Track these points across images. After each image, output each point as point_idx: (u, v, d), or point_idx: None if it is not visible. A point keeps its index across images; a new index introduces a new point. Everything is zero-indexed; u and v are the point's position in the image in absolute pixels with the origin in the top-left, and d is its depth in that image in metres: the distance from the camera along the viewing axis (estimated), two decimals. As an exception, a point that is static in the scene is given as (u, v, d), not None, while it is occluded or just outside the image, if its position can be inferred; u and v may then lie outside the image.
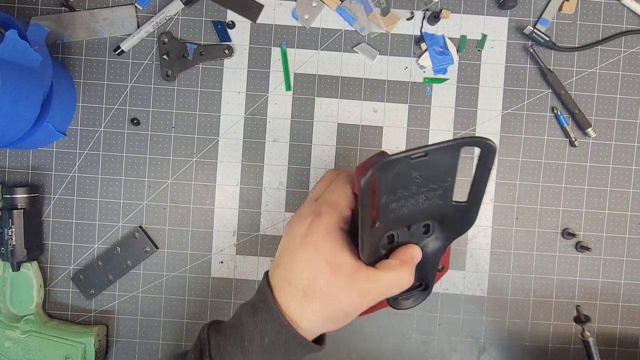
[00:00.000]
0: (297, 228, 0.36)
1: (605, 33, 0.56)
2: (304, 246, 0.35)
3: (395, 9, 0.56)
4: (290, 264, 0.36)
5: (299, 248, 0.36)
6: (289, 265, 0.36)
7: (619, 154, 0.57)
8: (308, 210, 0.37)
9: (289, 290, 0.35)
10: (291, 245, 0.36)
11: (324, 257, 0.35)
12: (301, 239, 0.36)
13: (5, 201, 0.53)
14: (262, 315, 0.36)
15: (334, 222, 0.35)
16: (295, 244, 0.36)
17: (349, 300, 0.35)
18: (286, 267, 0.36)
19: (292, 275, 0.36)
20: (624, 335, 0.57)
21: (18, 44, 0.43)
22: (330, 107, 0.57)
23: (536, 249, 0.57)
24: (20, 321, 0.54)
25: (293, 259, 0.36)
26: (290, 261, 0.36)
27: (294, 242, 0.36)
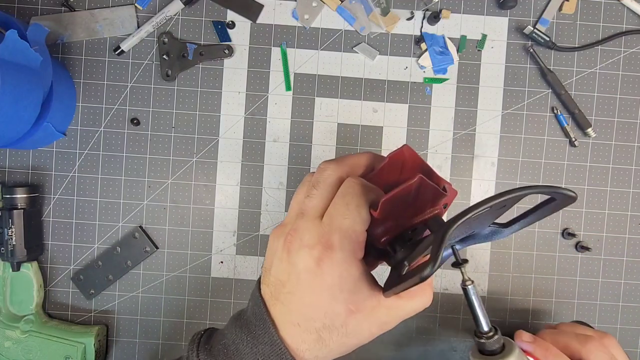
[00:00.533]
0: (301, 260, 0.30)
1: (605, 33, 0.56)
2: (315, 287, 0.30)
3: (395, 9, 0.56)
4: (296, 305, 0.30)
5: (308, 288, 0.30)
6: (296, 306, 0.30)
7: (619, 154, 0.57)
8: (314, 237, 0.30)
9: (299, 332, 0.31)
10: (295, 281, 0.30)
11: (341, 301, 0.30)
12: (309, 275, 0.30)
13: (5, 201, 0.53)
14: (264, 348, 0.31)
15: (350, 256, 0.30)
16: (302, 282, 0.30)
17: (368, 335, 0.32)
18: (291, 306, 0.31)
19: (302, 319, 0.30)
20: (624, 335, 0.57)
21: (18, 44, 0.43)
22: (330, 107, 0.57)
23: (536, 249, 0.57)
24: (20, 321, 0.54)
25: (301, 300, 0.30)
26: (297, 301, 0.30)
27: (299, 278, 0.30)
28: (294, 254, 0.30)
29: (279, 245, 0.32)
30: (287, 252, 0.31)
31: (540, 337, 0.47)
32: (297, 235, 0.31)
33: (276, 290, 0.31)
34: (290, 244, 0.31)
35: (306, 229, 0.31)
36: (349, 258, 0.30)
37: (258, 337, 0.31)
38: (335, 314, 0.30)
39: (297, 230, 0.31)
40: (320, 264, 0.29)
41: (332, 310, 0.30)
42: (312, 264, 0.30)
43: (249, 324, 0.32)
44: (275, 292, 0.31)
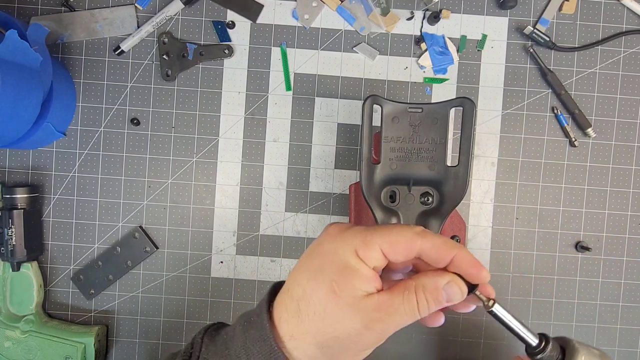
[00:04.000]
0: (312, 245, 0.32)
1: (605, 33, 0.56)
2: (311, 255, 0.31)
3: (395, 9, 0.56)
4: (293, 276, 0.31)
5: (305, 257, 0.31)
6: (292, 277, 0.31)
7: (619, 154, 0.57)
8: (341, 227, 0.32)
9: (286, 298, 0.31)
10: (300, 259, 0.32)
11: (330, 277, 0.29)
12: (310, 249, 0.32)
13: (5, 201, 0.53)
14: (254, 332, 0.31)
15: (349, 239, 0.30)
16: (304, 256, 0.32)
17: (348, 329, 0.29)
18: (288, 280, 0.32)
19: (291, 282, 0.31)
20: (624, 335, 0.57)
21: (18, 44, 0.43)
22: (330, 107, 0.57)
23: (536, 249, 0.57)
24: (20, 321, 0.54)
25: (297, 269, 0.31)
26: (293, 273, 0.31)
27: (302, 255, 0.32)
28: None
29: None
30: None
31: None
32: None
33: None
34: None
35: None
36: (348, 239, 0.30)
37: (252, 322, 0.31)
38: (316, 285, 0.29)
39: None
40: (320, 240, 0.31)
41: (316, 280, 0.29)
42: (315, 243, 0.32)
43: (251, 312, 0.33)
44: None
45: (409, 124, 0.41)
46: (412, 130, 0.41)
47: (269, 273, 0.57)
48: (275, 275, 0.57)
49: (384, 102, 0.41)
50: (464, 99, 0.41)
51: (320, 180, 0.57)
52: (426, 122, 0.41)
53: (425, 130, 0.41)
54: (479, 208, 0.57)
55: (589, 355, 0.35)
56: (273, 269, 0.57)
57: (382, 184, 0.42)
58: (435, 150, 0.42)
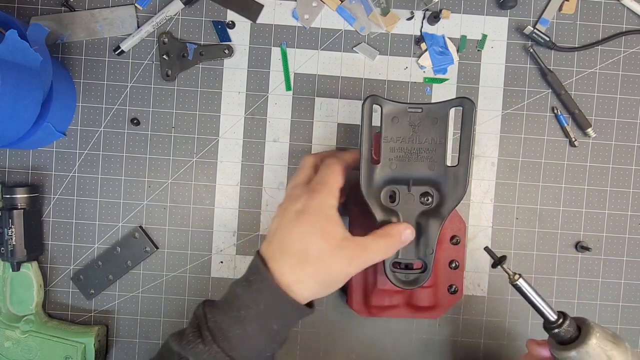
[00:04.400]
0: (291, 206, 0.40)
1: (605, 33, 0.56)
2: (299, 220, 0.39)
3: (395, 9, 0.56)
4: (284, 236, 0.40)
5: (293, 222, 0.39)
6: (284, 237, 0.40)
7: (619, 154, 0.57)
8: (301, 191, 0.41)
9: (283, 257, 0.39)
10: (285, 221, 0.40)
11: (316, 227, 0.39)
12: (296, 214, 0.40)
13: (5, 201, 0.53)
14: (257, 285, 0.39)
15: (327, 197, 0.40)
16: (290, 220, 0.40)
17: (339, 265, 0.39)
18: (281, 239, 0.40)
19: (286, 245, 0.39)
20: (624, 335, 0.57)
21: (18, 44, 0.43)
22: (330, 107, 0.57)
23: (536, 249, 0.57)
24: (20, 321, 0.54)
25: (288, 231, 0.39)
26: (284, 234, 0.40)
27: (288, 218, 0.40)
28: (286, 206, 0.41)
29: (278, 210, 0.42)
30: (282, 209, 0.41)
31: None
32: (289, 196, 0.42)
33: (271, 236, 0.41)
34: (286, 202, 0.42)
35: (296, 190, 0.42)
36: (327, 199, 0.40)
37: (252, 280, 0.39)
38: (311, 238, 0.39)
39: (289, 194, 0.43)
40: (305, 204, 0.40)
41: (310, 235, 0.39)
42: (300, 206, 0.40)
43: (246, 276, 0.40)
44: (270, 238, 0.41)
45: (408, 124, 0.42)
46: (412, 130, 0.42)
47: (269, 273, 0.57)
48: (275, 275, 0.57)
49: (383, 102, 0.42)
50: (463, 99, 0.41)
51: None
52: (426, 122, 0.42)
53: (425, 130, 0.42)
54: (479, 208, 0.57)
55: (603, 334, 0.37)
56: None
57: (381, 184, 0.43)
58: (435, 150, 0.42)
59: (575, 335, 0.37)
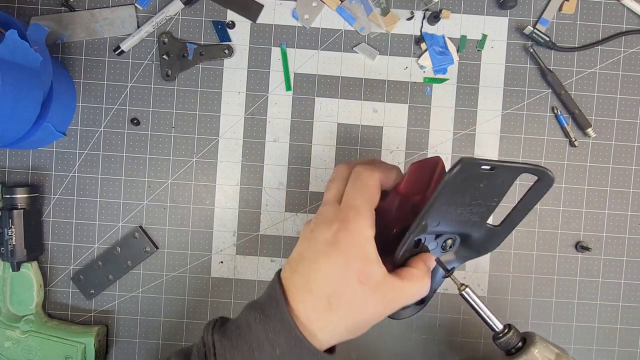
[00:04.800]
0: (321, 233, 0.35)
1: (605, 33, 0.56)
2: (330, 254, 0.34)
3: (395, 9, 0.56)
4: (312, 272, 0.34)
5: (324, 256, 0.34)
6: (312, 273, 0.34)
7: (619, 154, 0.57)
8: (332, 215, 0.35)
9: (311, 299, 0.34)
10: (314, 251, 0.35)
11: (352, 268, 0.33)
12: (327, 246, 0.34)
13: (5, 201, 0.53)
14: (275, 323, 0.34)
15: (363, 228, 0.34)
16: (319, 251, 0.34)
17: (373, 310, 0.34)
18: (308, 274, 0.34)
19: (315, 284, 0.34)
20: (624, 335, 0.57)
21: (18, 44, 0.43)
22: (330, 107, 0.57)
23: (536, 249, 0.57)
24: (20, 321, 0.54)
25: (317, 267, 0.34)
26: (313, 269, 0.34)
27: (317, 249, 0.34)
28: (316, 231, 0.35)
29: (304, 229, 0.37)
30: (309, 231, 0.36)
31: None
32: (320, 217, 0.36)
33: (295, 264, 0.36)
34: (314, 224, 0.36)
35: (326, 211, 0.36)
36: (362, 230, 0.34)
37: (270, 315, 0.34)
38: (346, 280, 0.33)
39: (320, 213, 0.37)
40: (337, 235, 0.34)
41: (344, 276, 0.33)
42: (330, 235, 0.34)
43: (262, 304, 0.35)
44: (294, 266, 0.36)
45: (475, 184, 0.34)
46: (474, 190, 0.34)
47: (269, 273, 0.57)
48: (275, 275, 0.57)
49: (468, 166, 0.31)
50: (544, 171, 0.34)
51: (320, 180, 0.57)
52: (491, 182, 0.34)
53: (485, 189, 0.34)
54: (479, 208, 0.57)
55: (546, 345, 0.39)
56: (273, 269, 0.57)
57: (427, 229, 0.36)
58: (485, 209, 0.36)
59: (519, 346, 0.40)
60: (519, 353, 0.39)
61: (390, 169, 0.38)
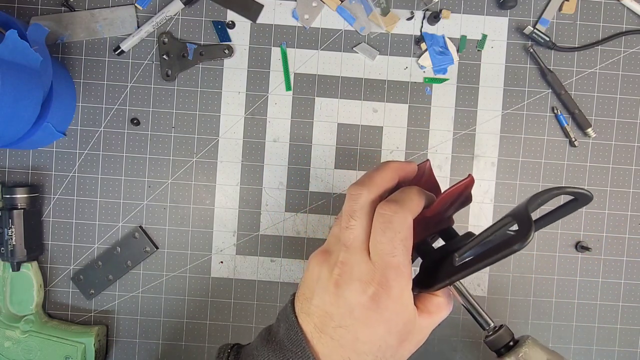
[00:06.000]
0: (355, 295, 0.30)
1: (605, 33, 0.56)
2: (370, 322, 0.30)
3: (395, 9, 0.56)
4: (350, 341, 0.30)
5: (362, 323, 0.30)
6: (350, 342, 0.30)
7: (619, 154, 0.57)
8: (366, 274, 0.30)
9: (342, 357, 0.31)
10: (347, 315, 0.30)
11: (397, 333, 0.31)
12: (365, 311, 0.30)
13: (5, 201, 0.53)
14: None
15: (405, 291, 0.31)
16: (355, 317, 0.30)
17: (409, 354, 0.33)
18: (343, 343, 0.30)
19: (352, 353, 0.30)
20: (624, 335, 0.57)
21: (18, 44, 0.43)
22: (330, 107, 0.57)
23: (536, 250, 0.57)
24: (20, 321, 0.54)
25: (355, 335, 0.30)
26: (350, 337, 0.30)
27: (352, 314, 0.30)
28: (344, 288, 0.30)
29: (323, 275, 0.31)
30: (335, 285, 0.31)
31: None
32: (345, 268, 0.31)
33: (322, 323, 0.31)
34: (340, 277, 0.31)
35: (355, 264, 0.31)
36: (405, 292, 0.30)
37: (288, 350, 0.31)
38: (388, 346, 0.31)
39: (346, 264, 0.31)
40: (377, 300, 0.30)
41: (386, 343, 0.30)
42: (367, 300, 0.30)
43: (284, 349, 0.31)
44: (321, 325, 0.31)
45: None
46: None
47: (269, 273, 0.57)
48: (275, 275, 0.57)
49: None
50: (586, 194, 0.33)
51: (320, 180, 0.57)
52: None
53: None
54: (479, 208, 0.57)
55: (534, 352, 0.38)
56: (273, 269, 0.57)
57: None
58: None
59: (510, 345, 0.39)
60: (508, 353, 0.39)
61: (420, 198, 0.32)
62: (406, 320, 0.31)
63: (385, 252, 0.30)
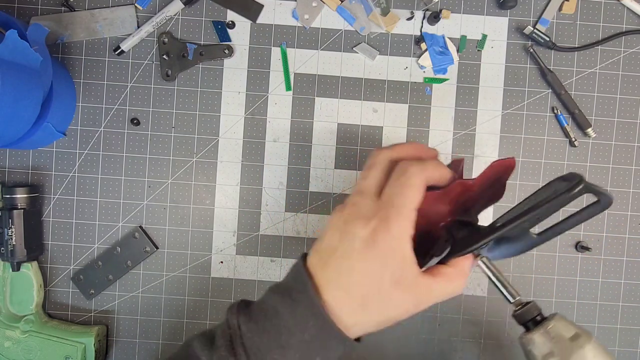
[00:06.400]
0: (357, 229, 0.33)
1: (605, 33, 0.56)
2: (367, 255, 0.33)
3: (395, 9, 0.56)
4: (347, 270, 0.33)
5: (360, 254, 0.33)
6: (346, 271, 0.33)
7: (619, 154, 0.57)
8: (370, 210, 0.34)
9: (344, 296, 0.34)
10: (348, 247, 0.33)
11: (389, 269, 0.33)
12: (364, 244, 0.33)
13: (5, 201, 0.53)
14: (303, 310, 0.33)
15: (405, 229, 0.33)
16: (355, 248, 0.33)
17: (404, 309, 0.34)
18: (341, 271, 0.33)
19: (349, 283, 0.33)
20: (624, 335, 0.57)
21: (18, 44, 0.43)
22: (330, 107, 0.57)
23: (536, 249, 0.57)
24: (20, 321, 0.54)
25: (351, 265, 0.33)
26: (347, 266, 0.33)
27: (352, 245, 0.33)
28: (350, 224, 0.34)
29: (337, 218, 0.35)
30: (343, 222, 0.34)
31: None
32: (355, 208, 0.34)
33: (327, 255, 0.34)
34: (349, 215, 0.34)
35: (364, 204, 0.34)
36: (403, 232, 0.33)
37: (298, 300, 0.34)
38: (381, 281, 0.33)
39: (355, 204, 0.35)
40: (376, 234, 0.33)
41: (380, 277, 0.33)
42: (367, 233, 0.33)
43: (289, 289, 0.35)
44: (325, 257, 0.34)
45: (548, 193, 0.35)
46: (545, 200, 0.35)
47: (269, 273, 0.57)
48: (275, 275, 0.57)
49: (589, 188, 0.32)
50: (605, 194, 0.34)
51: (320, 180, 0.57)
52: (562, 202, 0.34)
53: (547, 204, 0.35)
54: (479, 208, 0.57)
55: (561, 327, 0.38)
56: (273, 269, 0.57)
57: None
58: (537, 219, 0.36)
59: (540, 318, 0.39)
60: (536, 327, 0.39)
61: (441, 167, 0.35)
62: (401, 261, 0.33)
63: (393, 194, 0.33)
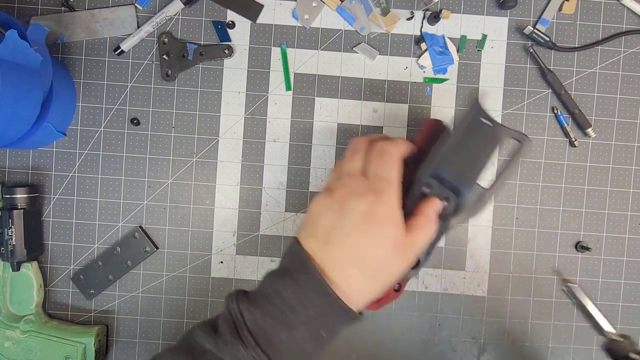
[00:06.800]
0: (356, 204, 0.36)
1: (605, 33, 0.56)
2: (368, 227, 0.35)
3: (395, 9, 0.56)
4: (351, 245, 0.36)
5: (361, 228, 0.35)
6: (350, 246, 0.36)
7: (619, 154, 0.57)
8: (363, 187, 0.37)
9: (345, 267, 0.36)
10: (349, 222, 0.36)
11: (389, 237, 0.36)
12: (364, 217, 0.35)
13: (5, 201, 0.53)
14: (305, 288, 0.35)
15: (395, 200, 0.37)
16: (357, 222, 0.36)
17: (400, 270, 0.37)
18: (345, 246, 0.36)
19: (349, 253, 0.36)
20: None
21: (18, 44, 0.43)
22: (330, 107, 0.57)
23: (536, 249, 0.57)
24: (20, 321, 0.54)
25: (355, 239, 0.36)
26: (350, 241, 0.36)
27: (353, 220, 0.36)
28: (346, 202, 0.36)
29: (327, 202, 0.37)
30: (338, 203, 0.37)
31: None
32: (346, 189, 0.37)
33: (328, 236, 0.36)
34: (341, 195, 0.37)
35: (356, 183, 0.37)
36: (395, 201, 0.36)
37: (299, 280, 0.35)
38: (386, 249, 0.36)
39: (347, 185, 0.37)
40: (373, 207, 0.35)
41: (383, 246, 0.36)
42: (366, 207, 0.35)
43: (288, 271, 0.36)
44: (326, 238, 0.36)
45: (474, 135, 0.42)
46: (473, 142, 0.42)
47: (269, 273, 0.57)
48: (275, 275, 0.57)
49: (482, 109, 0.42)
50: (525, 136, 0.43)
51: (320, 180, 0.57)
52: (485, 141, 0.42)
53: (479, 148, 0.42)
54: (479, 208, 0.57)
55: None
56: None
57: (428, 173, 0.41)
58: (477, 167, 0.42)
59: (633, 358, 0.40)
60: None
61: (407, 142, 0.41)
62: (396, 226, 0.36)
63: (380, 170, 0.37)
